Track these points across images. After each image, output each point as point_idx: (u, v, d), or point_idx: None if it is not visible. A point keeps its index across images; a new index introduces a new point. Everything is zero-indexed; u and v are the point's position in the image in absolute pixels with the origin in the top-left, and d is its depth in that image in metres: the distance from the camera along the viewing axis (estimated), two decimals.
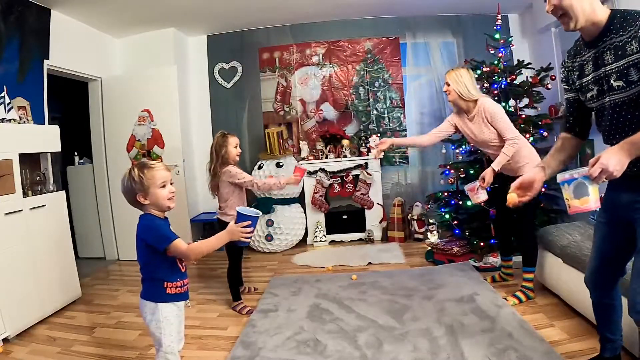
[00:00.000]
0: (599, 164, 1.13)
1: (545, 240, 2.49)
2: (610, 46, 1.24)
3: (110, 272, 3.79)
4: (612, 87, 1.25)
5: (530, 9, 4.12)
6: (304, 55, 4.59)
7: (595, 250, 1.53)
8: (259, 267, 3.61)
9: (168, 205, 1.49)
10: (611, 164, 1.12)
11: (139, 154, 4.02)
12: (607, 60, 1.25)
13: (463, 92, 2.42)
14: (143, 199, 1.45)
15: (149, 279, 1.50)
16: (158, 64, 4.14)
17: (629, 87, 1.20)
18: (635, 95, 1.20)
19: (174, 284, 1.50)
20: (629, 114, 1.24)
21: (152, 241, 1.43)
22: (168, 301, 1.50)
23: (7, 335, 2.30)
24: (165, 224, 1.50)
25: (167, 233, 1.44)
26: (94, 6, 3.46)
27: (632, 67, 1.18)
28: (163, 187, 1.47)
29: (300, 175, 2.63)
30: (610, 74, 1.25)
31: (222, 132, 2.66)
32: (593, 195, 1.20)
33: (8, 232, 2.42)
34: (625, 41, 1.19)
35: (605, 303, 1.54)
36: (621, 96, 1.24)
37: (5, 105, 2.63)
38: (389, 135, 4.52)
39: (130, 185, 1.45)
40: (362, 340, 2.05)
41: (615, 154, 1.14)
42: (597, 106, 1.36)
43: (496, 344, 1.89)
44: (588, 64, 1.34)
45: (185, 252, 1.43)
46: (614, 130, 1.31)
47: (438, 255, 3.30)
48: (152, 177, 1.45)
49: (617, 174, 1.13)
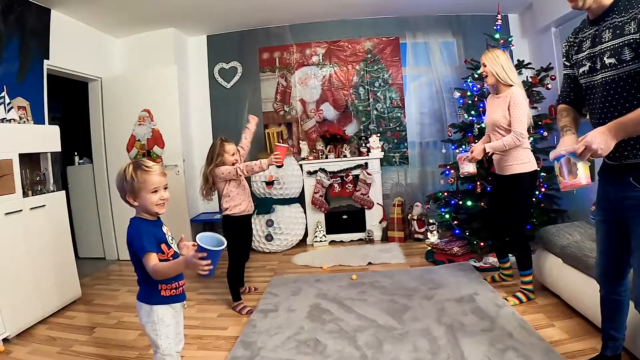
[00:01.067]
0: (584, 141, 1.18)
1: (545, 240, 2.49)
2: (610, 25, 1.27)
3: (110, 272, 3.79)
4: (604, 65, 1.28)
5: (530, 9, 4.12)
6: (304, 55, 4.59)
7: (599, 248, 1.55)
8: (259, 267, 3.61)
9: (156, 211, 1.46)
10: (595, 142, 1.16)
11: (139, 154, 4.02)
12: (605, 38, 1.28)
13: (500, 73, 2.35)
14: (132, 200, 1.44)
15: (143, 280, 1.49)
16: (158, 64, 4.14)
17: (620, 65, 1.23)
18: (625, 75, 1.22)
19: (169, 286, 1.48)
20: (617, 94, 1.26)
21: (134, 248, 1.41)
22: (163, 303, 1.48)
23: (7, 335, 2.30)
24: (152, 229, 1.46)
25: (144, 242, 1.39)
26: (94, 6, 3.46)
27: (626, 46, 1.21)
28: (155, 192, 1.44)
29: (282, 153, 2.48)
30: (604, 51, 1.28)
31: (221, 138, 2.66)
32: (582, 171, 1.22)
33: (8, 232, 2.42)
34: (625, 21, 1.22)
35: (614, 299, 1.54)
36: (612, 74, 1.26)
37: (5, 105, 2.63)
38: (389, 135, 4.53)
39: (122, 184, 1.44)
40: (362, 340, 2.05)
41: (601, 133, 1.18)
42: (586, 83, 1.39)
43: (496, 344, 1.89)
44: (587, 40, 1.38)
45: (149, 270, 1.38)
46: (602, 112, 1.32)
47: (438, 255, 3.30)
48: (145, 181, 1.42)
49: (601, 152, 1.17)
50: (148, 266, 1.38)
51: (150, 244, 1.40)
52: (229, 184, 2.63)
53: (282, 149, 2.50)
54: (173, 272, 1.41)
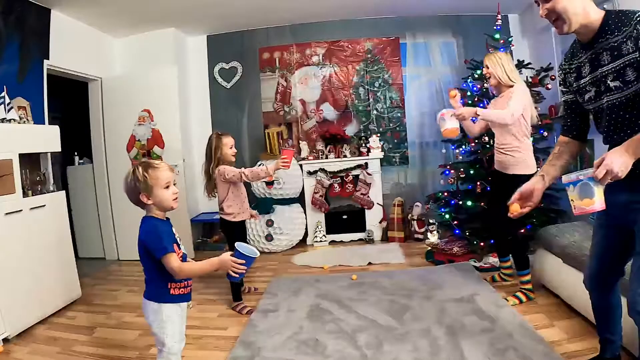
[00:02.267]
0: (603, 165, 1.13)
1: (545, 240, 2.49)
2: (606, 47, 1.24)
3: (110, 272, 3.79)
4: (609, 88, 1.25)
5: (530, 9, 4.12)
6: (304, 55, 4.59)
7: (594, 252, 1.53)
8: (259, 267, 3.61)
9: (172, 205, 1.48)
10: (616, 165, 1.12)
11: (139, 154, 4.02)
12: (604, 61, 1.25)
13: (501, 75, 2.39)
14: (146, 199, 1.45)
15: (153, 279, 1.49)
16: (158, 64, 4.14)
17: (625, 87, 1.20)
18: (632, 95, 1.20)
19: (178, 285, 1.50)
20: (627, 114, 1.24)
21: (151, 248, 1.42)
22: (171, 302, 1.50)
23: (7, 335, 2.30)
24: (167, 229, 1.50)
25: (164, 241, 1.42)
26: (94, 6, 3.46)
27: (628, 67, 1.18)
28: (167, 187, 1.47)
29: (288, 157, 2.46)
30: (607, 74, 1.25)
31: (216, 133, 2.64)
32: (598, 196, 1.20)
33: (8, 232, 2.42)
34: (621, 41, 1.19)
35: (605, 304, 1.54)
36: (618, 96, 1.24)
37: (5, 105, 2.63)
38: (389, 135, 4.53)
39: (134, 185, 1.44)
40: (362, 340, 2.05)
41: (620, 155, 1.13)
42: (594, 108, 1.36)
43: (496, 344, 1.89)
44: (585, 65, 1.34)
45: (173, 269, 1.40)
46: (612, 131, 1.31)
47: (438, 255, 3.30)
48: (157, 178, 1.44)
49: (621, 175, 1.13)
50: (171, 265, 1.40)
51: (170, 245, 1.43)
52: (229, 190, 2.61)
53: (289, 153, 2.48)
54: (200, 272, 1.48)
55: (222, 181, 2.59)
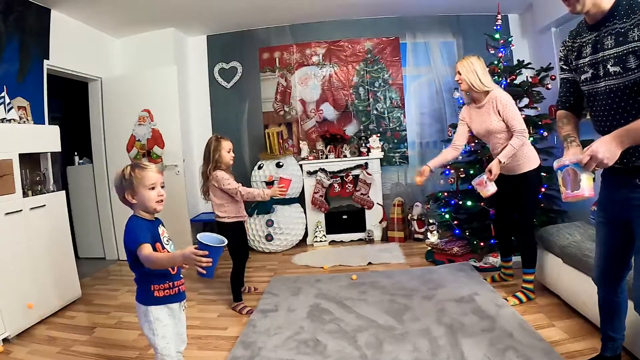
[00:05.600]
0: (589, 151, 1.15)
1: (545, 240, 2.49)
2: (612, 31, 1.24)
3: (110, 272, 3.79)
4: (608, 72, 1.26)
5: (530, 9, 4.12)
6: (304, 55, 4.59)
7: (599, 249, 1.54)
8: (259, 267, 3.61)
9: (154, 207, 1.48)
10: (601, 151, 1.13)
11: (139, 154, 4.02)
12: (607, 45, 1.25)
13: (474, 82, 2.35)
14: (131, 198, 1.46)
15: (138, 281, 1.49)
16: (158, 64, 4.14)
17: (625, 74, 1.21)
18: (631, 83, 1.20)
19: (162, 286, 1.48)
20: (622, 102, 1.25)
21: (127, 243, 1.42)
22: (157, 304, 1.48)
23: (7, 335, 2.30)
24: (147, 225, 1.47)
25: (138, 235, 1.40)
26: (94, 6, 3.46)
27: (631, 54, 1.18)
28: (152, 189, 1.47)
29: (285, 186, 2.60)
30: (608, 58, 1.25)
31: (215, 136, 2.64)
32: (586, 183, 1.19)
33: (8, 232, 2.42)
34: (628, 28, 1.19)
35: (612, 300, 1.54)
36: (616, 82, 1.24)
37: (5, 105, 2.63)
38: (389, 135, 4.53)
39: (120, 183, 1.47)
40: (362, 340, 2.05)
41: (606, 142, 1.15)
42: (588, 89, 1.36)
43: (496, 344, 1.89)
44: (587, 46, 1.34)
45: (142, 257, 1.36)
46: (604, 117, 1.31)
47: (438, 255, 3.30)
48: (142, 178, 1.45)
49: (607, 162, 1.14)
50: (141, 255, 1.36)
51: (145, 237, 1.41)
52: (224, 197, 2.60)
53: (286, 182, 2.65)
54: (167, 263, 1.40)
55: (215, 187, 2.58)
